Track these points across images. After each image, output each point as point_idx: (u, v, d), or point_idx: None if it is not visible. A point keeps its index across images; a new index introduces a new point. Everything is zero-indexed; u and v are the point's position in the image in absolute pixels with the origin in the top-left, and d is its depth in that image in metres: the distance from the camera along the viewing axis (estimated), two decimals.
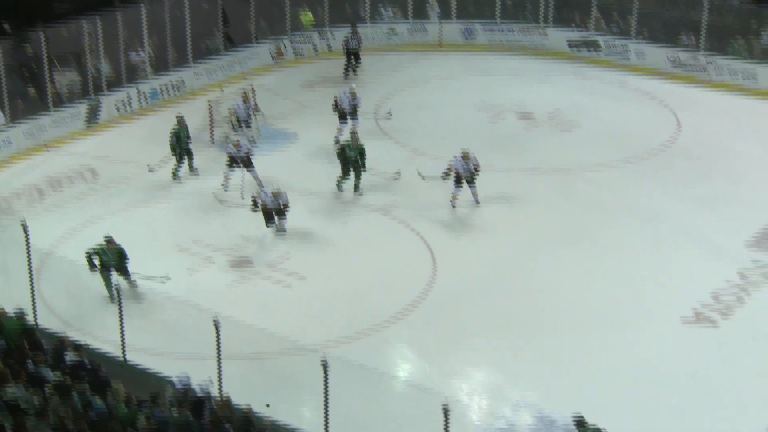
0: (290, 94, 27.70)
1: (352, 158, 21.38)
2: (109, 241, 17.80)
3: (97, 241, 18.03)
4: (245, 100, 23.98)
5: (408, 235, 20.56)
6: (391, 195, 22.06)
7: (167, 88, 27.02)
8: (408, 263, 19.56)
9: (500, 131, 25.50)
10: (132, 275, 18.03)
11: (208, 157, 23.89)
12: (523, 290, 18.76)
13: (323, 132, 24.92)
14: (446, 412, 12.28)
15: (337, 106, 24.10)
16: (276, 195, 19.96)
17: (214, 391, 14.32)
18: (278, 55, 29.67)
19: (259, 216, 20.41)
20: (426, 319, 17.85)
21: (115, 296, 16.95)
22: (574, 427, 13.69)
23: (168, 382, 14.48)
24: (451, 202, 21.24)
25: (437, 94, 27.88)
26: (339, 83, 28.34)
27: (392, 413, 15.43)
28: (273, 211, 20.11)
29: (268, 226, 20.23)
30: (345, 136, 23.39)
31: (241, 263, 19.51)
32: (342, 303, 18.36)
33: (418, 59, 30.14)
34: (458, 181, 21.10)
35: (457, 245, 20.29)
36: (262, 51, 29.38)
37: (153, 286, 17.68)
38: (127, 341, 15.85)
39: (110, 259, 17.75)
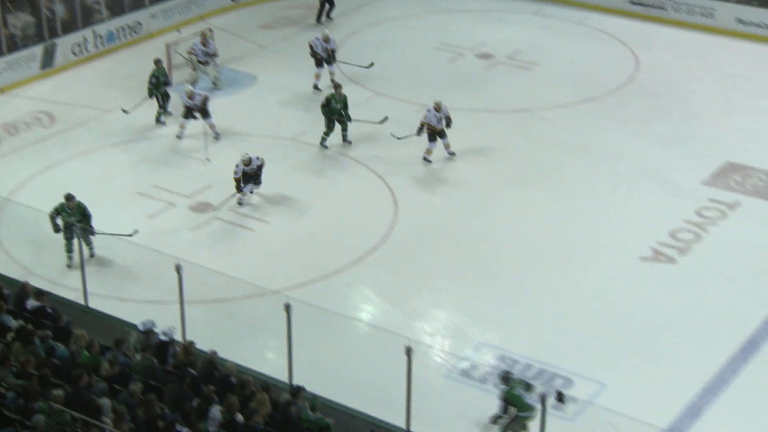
0: (248, 35, 27.54)
1: (337, 110, 21.04)
2: (69, 198, 17.31)
3: (58, 190, 17.89)
4: (204, 41, 23.83)
5: (369, 178, 20.67)
6: (351, 137, 22.04)
7: (124, 31, 26.73)
8: (369, 206, 19.70)
9: (460, 71, 25.54)
10: (98, 231, 17.53)
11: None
12: (483, 231, 18.96)
13: (282, 74, 24.93)
14: (409, 353, 12.57)
15: (313, 53, 23.85)
16: (247, 163, 19.41)
17: (178, 336, 14.41)
18: None
19: (220, 161, 20.48)
20: (387, 262, 18.02)
21: (73, 263, 16.91)
22: (503, 384, 13.74)
23: (131, 327, 14.59)
24: (425, 158, 21.07)
25: (397, 34, 27.81)
26: (298, 24, 28.32)
27: (355, 355, 15.66)
28: (249, 176, 19.71)
29: (239, 191, 19.64)
30: (324, 81, 23.57)
31: (202, 207, 19.54)
32: (304, 246, 18.49)
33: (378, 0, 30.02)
34: (432, 137, 20.90)
35: (418, 187, 20.41)
36: None
37: (113, 231, 17.60)
38: (89, 288, 15.93)
39: (72, 217, 17.30)
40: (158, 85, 22.53)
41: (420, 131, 20.88)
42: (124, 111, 22.18)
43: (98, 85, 24.77)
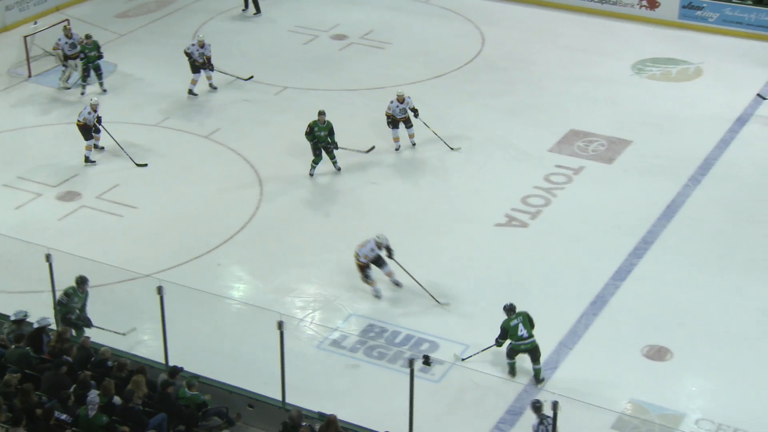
0: (106, 24, 27.33)
1: (322, 137, 20.09)
2: None
3: None
4: (68, 35, 23.52)
5: (234, 160, 21.00)
6: (213, 121, 22.41)
7: None
8: (235, 188, 20.01)
9: (315, 53, 26.01)
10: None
11: (26, 92, 23.67)
12: (347, 206, 19.57)
13: (142, 62, 25.01)
14: (281, 327, 13.00)
15: (190, 59, 23.35)
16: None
17: (52, 325, 14.55)
18: None
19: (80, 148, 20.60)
20: (255, 241, 18.43)
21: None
22: (505, 315, 14.88)
23: (4, 318, 14.69)
24: (412, 143, 21.34)
25: (251, 18, 28.00)
26: (154, 12, 28.23)
27: (230, 332, 16.04)
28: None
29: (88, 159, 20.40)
30: (201, 86, 23.50)
31: (69, 196, 19.62)
32: (173, 230, 18.76)
33: None
34: (393, 123, 21.11)
35: (281, 167, 20.77)
36: None
37: None
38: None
39: None
40: (92, 59, 22.78)
41: (389, 123, 21.11)
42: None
43: None
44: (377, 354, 15.64)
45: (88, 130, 20.36)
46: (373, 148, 21.41)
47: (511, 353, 15.00)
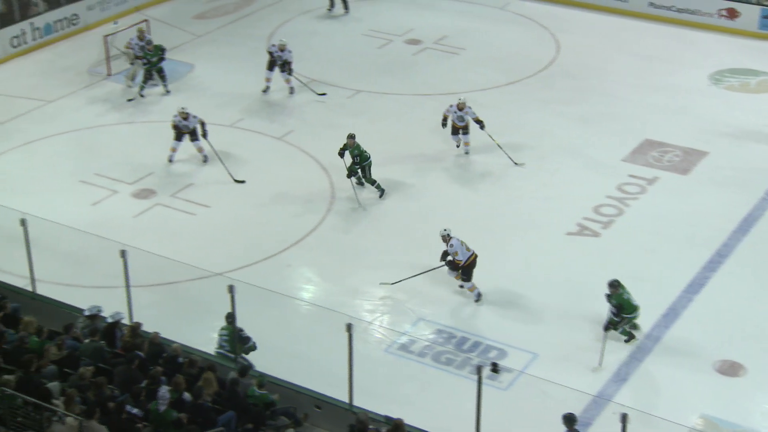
0: (183, 25, 27.70)
1: (355, 164, 19.67)
2: None
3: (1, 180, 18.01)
4: (140, 36, 23.94)
5: (306, 162, 21.10)
6: (287, 123, 22.55)
7: (61, 23, 26.80)
8: (306, 188, 20.09)
9: (389, 57, 26.07)
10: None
11: (105, 90, 24.05)
12: (416, 210, 19.53)
13: (218, 63, 25.32)
14: (350, 329, 13.01)
15: (270, 57, 23.66)
16: (185, 117, 20.34)
17: (125, 320, 14.74)
18: None
19: (162, 147, 20.85)
20: (326, 243, 18.51)
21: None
22: (612, 290, 15.48)
23: (79, 312, 14.89)
24: (465, 150, 21.27)
25: (326, 22, 28.17)
26: (231, 13, 28.49)
27: (298, 333, 16.13)
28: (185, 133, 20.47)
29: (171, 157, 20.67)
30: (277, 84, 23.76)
31: (144, 193, 19.89)
32: (245, 229, 18.91)
33: None
34: (453, 130, 21.12)
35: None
36: None
37: (57, 219, 17.79)
38: (36, 274, 16.06)
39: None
40: (155, 63, 23.30)
41: (444, 124, 21.09)
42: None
43: (38, 76, 24.87)
44: (445, 360, 15.62)
45: (179, 132, 20.65)
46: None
47: (629, 327, 15.64)
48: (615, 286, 15.45)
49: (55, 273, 17.02)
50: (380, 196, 19.78)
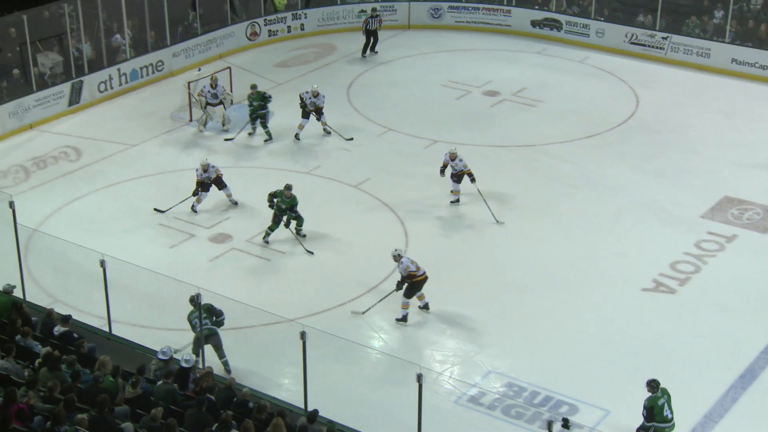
0: (265, 73, 28.15)
1: (282, 210, 19.80)
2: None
3: (83, 221, 18.82)
4: (213, 84, 24.43)
5: (380, 210, 21.22)
6: (363, 171, 22.70)
7: (147, 69, 27.46)
8: (381, 238, 20.15)
9: (467, 108, 26.16)
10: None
11: (186, 135, 24.54)
12: (490, 261, 19.48)
13: (297, 110, 25.35)
14: (420, 379, 12.94)
15: (302, 104, 24.22)
16: (205, 169, 20.75)
17: (198, 363, 14.95)
18: (253, 35, 30.15)
19: (239, 192, 21.15)
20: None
21: None
22: (648, 392, 14.28)
23: (152, 354, 15.06)
24: (458, 199, 21.32)
25: (406, 72, 28.48)
26: (312, 62, 28.95)
27: (368, 382, 16.12)
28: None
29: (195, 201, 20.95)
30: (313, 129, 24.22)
31: (220, 238, 20.14)
32: (318, 275, 19.01)
33: (387, 38, 30.63)
34: (458, 178, 21.11)
35: (427, 218, 20.91)
36: (238, 32, 29.81)
37: (135, 260, 18.05)
38: (112, 315, 16.35)
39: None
40: (256, 109, 23.76)
41: (442, 172, 21.24)
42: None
43: (122, 120, 25.47)
44: (515, 413, 15.46)
45: (204, 186, 20.92)
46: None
47: None
48: (653, 386, 14.36)
49: (131, 314, 17.26)
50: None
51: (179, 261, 19.27)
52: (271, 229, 19.91)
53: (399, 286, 17.52)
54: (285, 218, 19.83)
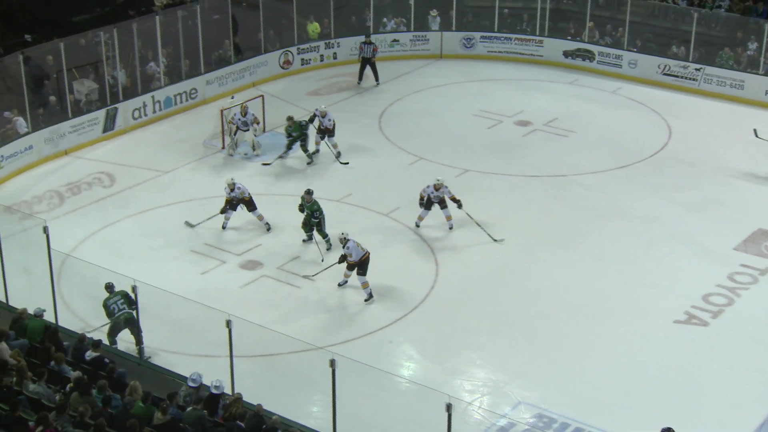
0: (297, 101, 28.31)
1: (308, 215, 20.66)
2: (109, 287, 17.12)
3: (115, 247, 18.95)
4: (243, 112, 24.69)
5: (411, 238, 21.26)
6: (393, 200, 22.74)
7: (181, 97, 27.72)
8: (411, 264, 20.22)
9: (498, 137, 26.19)
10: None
11: (219, 162, 24.73)
12: (521, 291, 19.43)
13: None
14: (449, 409, 12.88)
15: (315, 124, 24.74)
16: (231, 188, 21.05)
17: (227, 389, 14.90)
18: (286, 63, 30.38)
19: (274, 221, 21.35)
20: (428, 320, 18.50)
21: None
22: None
23: (182, 380, 15.10)
24: (416, 223, 21.50)
25: (438, 101, 28.56)
26: (344, 91, 29.13)
27: (397, 411, 16.05)
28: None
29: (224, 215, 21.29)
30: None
31: (251, 265, 20.24)
32: (348, 303, 19.05)
33: (419, 68, 30.83)
34: (427, 205, 21.30)
35: (458, 247, 20.92)
36: (271, 60, 30.04)
37: (167, 286, 18.04)
38: (143, 340, 16.54)
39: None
40: (295, 139, 24.17)
41: (421, 203, 21.34)
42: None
43: (156, 147, 25.69)
44: None
45: (232, 205, 21.21)
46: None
47: None
48: None
49: (162, 340, 17.34)
50: (327, 249, 20.58)
51: (210, 287, 19.34)
52: (305, 231, 20.87)
53: (341, 260, 19.04)
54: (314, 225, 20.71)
